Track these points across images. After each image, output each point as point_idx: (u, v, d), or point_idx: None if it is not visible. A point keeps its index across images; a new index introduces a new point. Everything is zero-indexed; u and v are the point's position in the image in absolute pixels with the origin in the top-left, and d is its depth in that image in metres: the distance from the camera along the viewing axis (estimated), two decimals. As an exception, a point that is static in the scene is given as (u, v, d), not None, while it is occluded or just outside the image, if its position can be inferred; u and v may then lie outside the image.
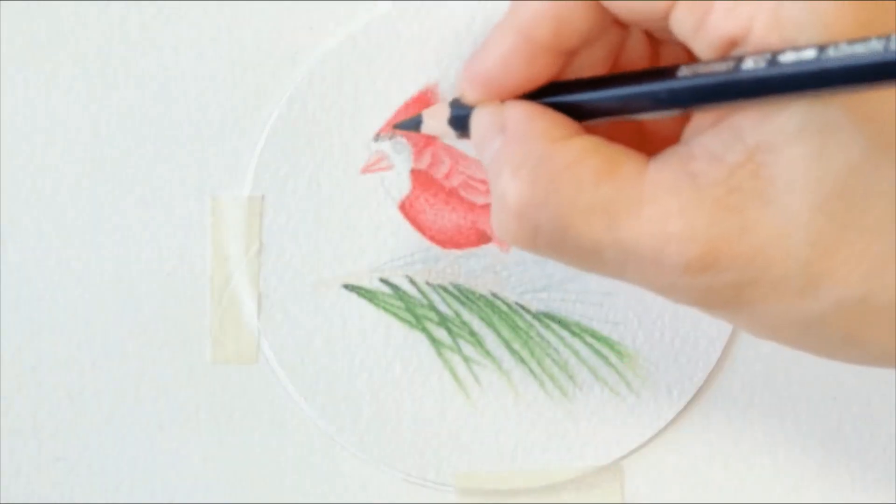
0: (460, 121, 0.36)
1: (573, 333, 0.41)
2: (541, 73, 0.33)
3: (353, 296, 0.41)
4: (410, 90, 0.41)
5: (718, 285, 0.30)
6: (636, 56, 0.35)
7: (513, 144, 0.32)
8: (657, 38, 0.34)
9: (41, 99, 0.41)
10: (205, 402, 0.41)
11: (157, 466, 0.41)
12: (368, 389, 0.41)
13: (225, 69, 0.41)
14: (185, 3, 0.41)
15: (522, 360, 0.41)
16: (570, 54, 0.33)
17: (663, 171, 0.30)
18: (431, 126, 0.37)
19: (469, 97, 0.34)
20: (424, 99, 0.41)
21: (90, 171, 0.41)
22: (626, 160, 0.31)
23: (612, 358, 0.41)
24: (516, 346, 0.41)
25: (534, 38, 0.32)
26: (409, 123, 0.38)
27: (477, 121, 0.34)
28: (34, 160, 0.41)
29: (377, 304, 0.41)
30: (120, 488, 0.41)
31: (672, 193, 0.30)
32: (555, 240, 0.31)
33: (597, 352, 0.41)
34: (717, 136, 0.30)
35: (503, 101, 0.33)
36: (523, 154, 0.31)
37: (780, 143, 0.29)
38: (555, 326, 0.41)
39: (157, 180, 0.41)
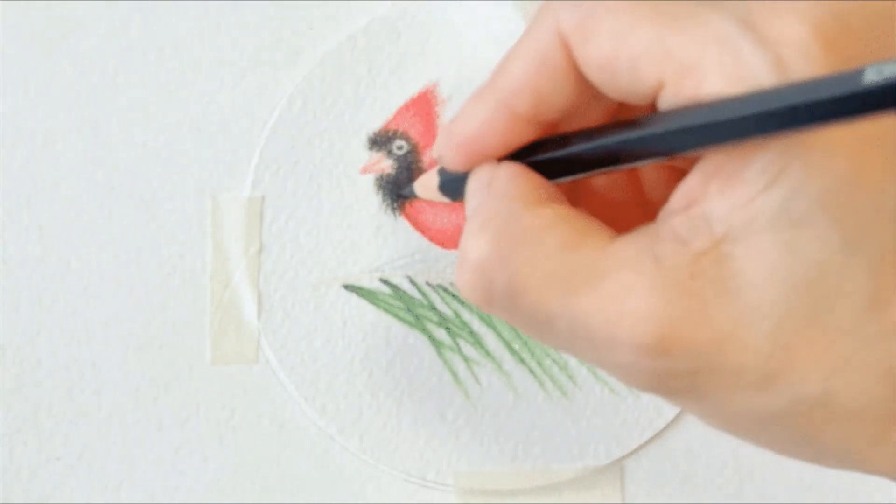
0: (449, 185, 0.36)
1: (573, 333, 0.41)
2: (521, 140, 0.32)
3: (353, 296, 0.41)
4: (410, 90, 0.41)
5: (672, 371, 0.29)
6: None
7: (489, 202, 0.31)
8: None
9: (41, 99, 0.41)
10: (205, 402, 0.41)
11: (157, 466, 0.41)
12: (368, 389, 0.41)
13: (225, 69, 0.41)
14: (185, 3, 0.41)
15: (522, 361, 0.41)
16: (553, 125, 0.33)
17: (628, 248, 0.30)
18: (425, 194, 0.37)
19: (447, 162, 0.33)
20: (424, 99, 0.41)
21: (90, 171, 0.41)
22: (593, 234, 0.30)
23: (612, 358, 0.41)
24: (516, 346, 0.41)
25: (513, 108, 0.32)
26: (406, 194, 0.40)
27: (472, 178, 0.33)
28: (34, 160, 0.41)
29: (377, 304, 0.41)
30: (120, 488, 0.41)
31: (633, 271, 0.29)
32: (508, 303, 0.31)
33: (597, 352, 0.41)
34: (686, 221, 0.29)
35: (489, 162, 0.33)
36: (494, 211, 0.31)
37: (750, 233, 0.28)
38: (555, 326, 0.41)
39: (157, 180, 0.41)
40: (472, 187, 0.32)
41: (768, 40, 0.28)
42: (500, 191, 0.31)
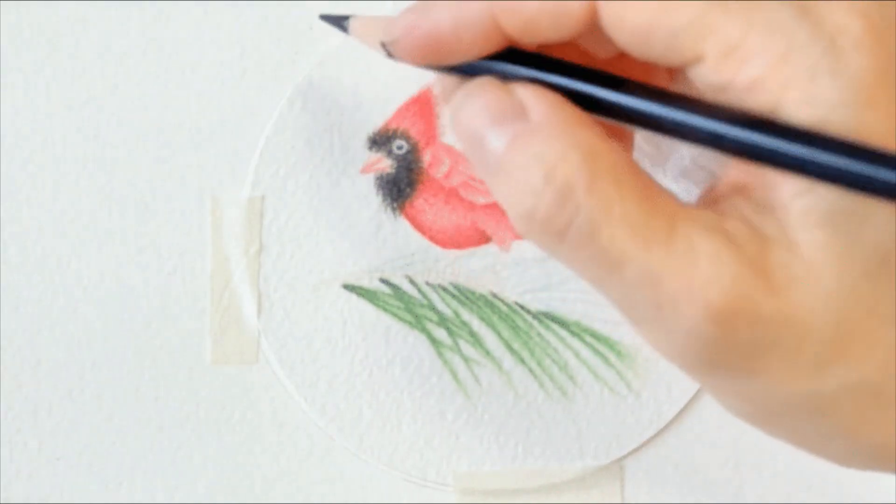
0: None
1: (573, 333, 0.41)
2: (486, 52, 0.30)
3: (353, 296, 0.41)
4: (410, 90, 0.41)
5: (731, 343, 0.29)
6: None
7: (549, 130, 0.29)
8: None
9: (41, 99, 0.41)
10: (205, 402, 0.41)
11: (157, 466, 0.41)
12: (368, 389, 0.41)
13: (225, 69, 0.41)
14: (185, 3, 0.41)
15: (522, 360, 0.41)
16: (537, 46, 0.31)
17: (699, 217, 0.29)
18: (360, 35, 0.34)
19: (399, 48, 0.30)
20: (424, 98, 0.41)
21: (90, 172, 0.41)
22: (661, 189, 0.30)
23: (612, 357, 0.41)
24: (516, 346, 0.41)
25: (500, 22, 0.30)
26: (337, 20, 0.35)
27: (474, 103, 0.30)
28: (34, 160, 0.41)
29: (377, 304, 0.41)
30: (120, 488, 0.41)
31: (708, 239, 0.29)
32: (585, 236, 0.29)
33: (596, 351, 0.41)
34: (751, 206, 0.29)
35: (507, 83, 0.30)
36: (569, 141, 0.29)
37: (814, 221, 0.28)
38: (554, 326, 0.41)
39: (157, 180, 0.41)
40: (487, 111, 0.30)
41: (823, 28, 0.28)
42: (559, 119, 0.30)
